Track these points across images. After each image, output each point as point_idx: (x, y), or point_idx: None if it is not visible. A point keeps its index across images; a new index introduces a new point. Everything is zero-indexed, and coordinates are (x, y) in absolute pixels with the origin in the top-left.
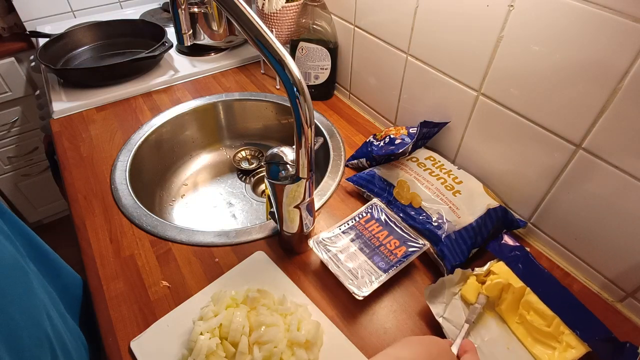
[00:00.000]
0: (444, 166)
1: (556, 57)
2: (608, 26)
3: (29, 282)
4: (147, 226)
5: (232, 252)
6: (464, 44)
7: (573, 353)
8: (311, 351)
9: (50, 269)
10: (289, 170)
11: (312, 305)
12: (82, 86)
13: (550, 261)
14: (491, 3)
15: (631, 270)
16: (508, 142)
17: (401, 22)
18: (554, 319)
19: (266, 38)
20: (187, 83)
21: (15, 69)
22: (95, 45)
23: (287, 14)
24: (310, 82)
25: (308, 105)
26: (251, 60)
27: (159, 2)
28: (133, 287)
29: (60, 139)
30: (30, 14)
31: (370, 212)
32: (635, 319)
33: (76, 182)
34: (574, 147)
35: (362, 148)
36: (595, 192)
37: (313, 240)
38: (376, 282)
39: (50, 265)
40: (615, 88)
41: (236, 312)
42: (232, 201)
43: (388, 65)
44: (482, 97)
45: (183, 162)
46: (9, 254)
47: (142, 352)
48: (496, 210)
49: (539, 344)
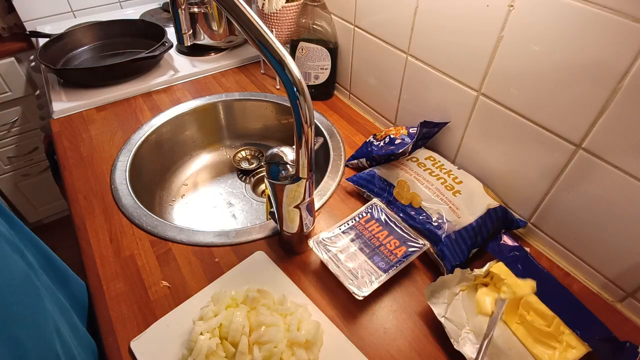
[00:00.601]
0: (444, 166)
1: (556, 57)
2: (608, 26)
3: (39, 298)
4: (147, 226)
5: (232, 252)
6: (464, 44)
7: (573, 353)
8: (311, 351)
9: (60, 278)
10: (289, 170)
11: (312, 305)
12: (82, 86)
13: (550, 261)
14: (491, 3)
15: (631, 270)
16: (508, 142)
17: (401, 22)
18: (554, 319)
19: (266, 38)
20: (187, 83)
21: (15, 69)
22: (95, 45)
23: (287, 14)
24: (310, 82)
25: (308, 105)
26: (251, 60)
27: (159, 2)
28: (133, 287)
29: (60, 139)
30: (30, 14)
31: (370, 212)
32: (635, 319)
33: (76, 182)
34: (574, 147)
35: (362, 148)
36: (595, 192)
37: (313, 240)
38: (376, 282)
39: (60, 273)
40: (616, 88)
41: (236, 312)
42: (232, 201)
43: (388, 65)
44: (482, 97)
45: (183, 162)
46: (20, 270)
47: (142, 352)
48: (496, 210)
49: (540, 344)
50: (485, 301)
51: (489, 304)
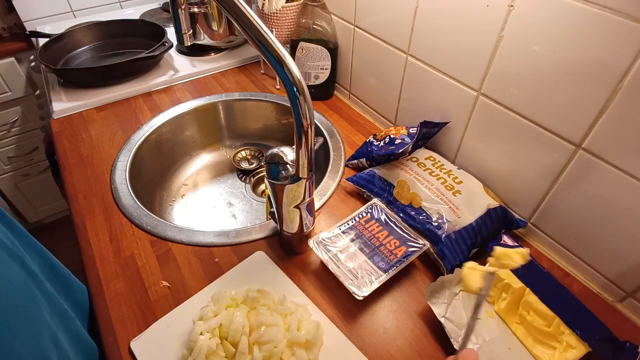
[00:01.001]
0: (444, 166)
1: (556, 57)
2: (608, 26)
3: (37, 308)
4: (147, 226)
5: (232, 252)
6: (464, 44)
7: (573, 353)
8: (311, 351)
9: (63, 285)
10: (289, 170)
11: (312, 305)
12: (82, 86)
13: (550, 261)
14: (491, 3)
15: (631, 270)
16: (508, 142)
17: (401, 22)
18: (554, 319)
19: (266, 38)
20: (187, 83)
21: (15, 69)
22: (95, 45)
23: (287, 14)
24: (310, 82)
25: (308, 105)
26: (251, 60)
27: (159, 2)
28: (133, 287)
29: (60, 139)
30: (30, 14)
31: (370, 212)
32: (635, 319)
33: (76, 182)
34: (574, 147)
35: (362, 148)
36: (595, 192)
37: (313, 240)
38: (376, 282)
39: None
40: (616, 88)
41: (236, 312)
42: (232, 201)
43: (388, 65)
44: (482, 97)
45: (183, 162)
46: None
47: (142, 352)
48: (496, 210)
49: (540, 344)
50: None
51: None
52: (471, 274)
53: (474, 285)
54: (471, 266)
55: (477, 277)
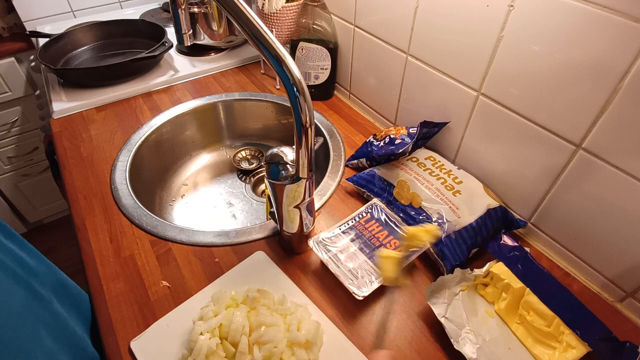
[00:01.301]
0: (444, 166)
1: (556, 57)
2: (608, 26)
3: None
4: (147, 226)
5: (232, 252)
6: (464, 44)
7: (573, 353)
8: (311, 351)
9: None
10: (289, 170)
11: (312, 305)
12: (82, 86)
13: (550, 261)
14: (491, 3)
15: (631, 270)
16: (508, 142)
17: (401, 22)
18: (554, 319)
19: (266, 38)
20: (187, 83)
21: (15, 69)
22: (95, 45)
23: (287, 14)
24: (310, 82)
25: (308, 105)
26: (251, 60)
27: (159, 2)
28: (133, 287)
29: (60, 139)
30: (30, 14)
31: (370, 212)
32: (635, 319)
33: (76, 182)
34: (574, 147)
35: (362, 148)
36: (595, 192)
37: (313, 240)
38: (376, 282)
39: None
40: (616, 88)
41: (236, 312)
42: (232, 201)
43: (388, 65)
44: (482, 97)
45: (183, 162)
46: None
47: (142, 352)
48: (496, 210)
49: (540, 344)
50: (387, 266)
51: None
52: (385, 263)
53: (390, 274)
54: (384, 254)
55: (391, 265)
